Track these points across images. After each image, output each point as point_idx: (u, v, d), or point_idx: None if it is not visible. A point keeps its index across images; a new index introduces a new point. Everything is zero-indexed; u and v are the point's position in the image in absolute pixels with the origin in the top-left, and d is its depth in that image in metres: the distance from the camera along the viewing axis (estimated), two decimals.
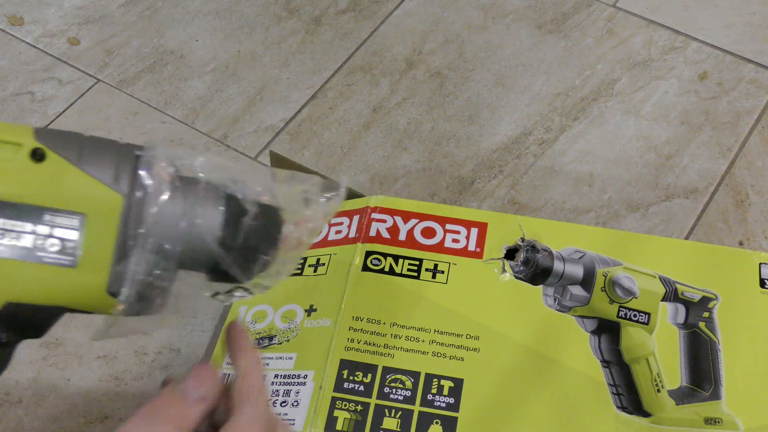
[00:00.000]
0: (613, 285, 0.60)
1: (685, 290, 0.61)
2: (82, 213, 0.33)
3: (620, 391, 0.57)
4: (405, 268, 0.62)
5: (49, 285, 0.33)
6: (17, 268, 0.32)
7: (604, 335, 0.59)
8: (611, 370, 0.58)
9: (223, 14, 0.87)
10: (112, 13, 0.86)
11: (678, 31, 0.86)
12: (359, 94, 0.80)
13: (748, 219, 0.72)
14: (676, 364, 0.59)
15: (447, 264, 0.62)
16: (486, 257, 0.62)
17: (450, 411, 0.56)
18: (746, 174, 0.75)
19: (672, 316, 0.60)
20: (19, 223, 0.32)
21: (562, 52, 0.84)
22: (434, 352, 0.58)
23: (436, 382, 0.57)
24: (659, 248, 0.64)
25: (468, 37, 0.85)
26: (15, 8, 0.87)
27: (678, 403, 0.57)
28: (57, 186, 0.32)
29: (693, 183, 0.74)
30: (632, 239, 0.64)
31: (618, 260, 0.62)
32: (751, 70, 0.82)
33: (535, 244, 0.62)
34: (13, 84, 0.80)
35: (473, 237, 0.63)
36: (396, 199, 0.66)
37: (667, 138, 0.77)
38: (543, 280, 0.61)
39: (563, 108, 0.80)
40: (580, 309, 0.60)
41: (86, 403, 0.59)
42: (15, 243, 0.32)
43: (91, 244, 0.33)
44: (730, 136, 0.78)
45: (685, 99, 0.80)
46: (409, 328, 0.59)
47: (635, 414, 0.56)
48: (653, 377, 0.58)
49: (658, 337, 0.59)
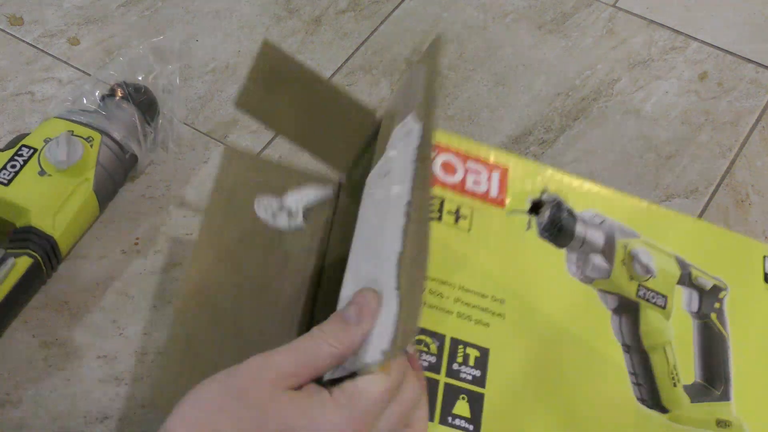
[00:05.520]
0: (632, 259, 0.55)
1: (699, 275, 0.57)
2: None
3: (640, 380, 0.53)
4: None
5: None
6: None
7: (625, 316, 0.54)
8: (632, 356, 0.53)
9: (223, 14, 0.87)
10: (112, 13, 0.86)
11: (678, 31, 0.86)
12: (359, 94, 0.80)
13: (748, 219, 0.72)
14: (690, 357, 0.55)
15: (470, 209, 0.54)
16: (509, 208, 0.55)
17: (476, 386, 0.49)
18: (746, 174, 0.75)
19: (687, 302, 0.56)
20: None
21: (562, 52, 0.84)
22: (459, 313, 0.50)
23: (461, 350, 0.49)
24: (673, 223, 0.59)
25: (468, 37, 0.85)
26: (15, 8, 0.87)
27: (693, 401, 0.54)
28: None
29: (693, 183, 0.74)
30: (648, 210, 0.59)
31: (635, 231, 0.57)
32: (751, 70, 0.82)
33: (561, 202, 0.56)
34: (13, 84, 0.80)
35: (495, 181, 0.55)
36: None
37: (667, 138, 0.77)
38: (567, 242, 0.55)
39: (563, 108, 0.80)
40: (601, 282, 0.55)
41: (86, 403, 0.59)
42: None
43: None
44: (730, 136, 0.78)
45: (686, 99, 0.80)
46: (432, 279, 0.51)
47: (654, 408, 0.52)
48: (670, 369, 0.54)
49: (674, 327, 0.55)
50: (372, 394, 0.37)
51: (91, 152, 0.65)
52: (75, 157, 0.63)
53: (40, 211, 0.62)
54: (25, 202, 0.62)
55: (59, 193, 0.63)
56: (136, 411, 0.59)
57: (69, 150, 0.63)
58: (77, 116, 0.68)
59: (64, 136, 0.63)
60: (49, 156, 0.63)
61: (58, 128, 0.66)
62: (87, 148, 0.64)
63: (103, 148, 0.66)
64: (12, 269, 0.59)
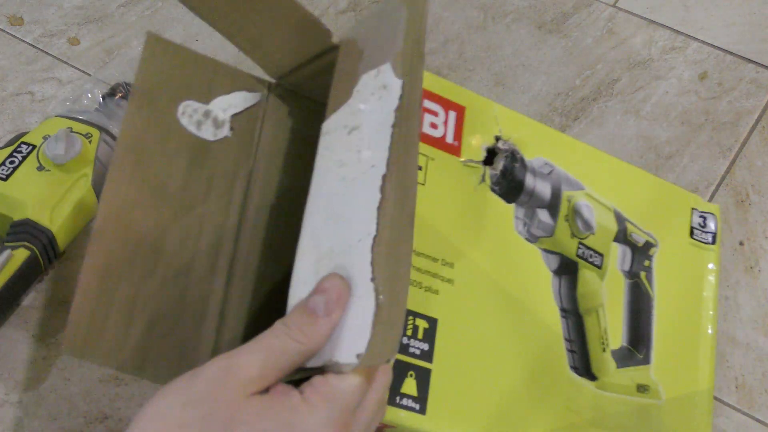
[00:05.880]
0: (575, 214, 0.53)
1: (633, 231, 0.55)
2: None
3: (574, 347, 0.51)
4: None
5: None
6: None
7: (565, 277, 0.52)
8: (568, 321, 0.51)
9: None
10: (112, 13, 0.86)
11: (678, 31, 0.86)
12: None
13: (748, 219, 0.72)
14: (620, 320, 0.52)
15: (425, 158, 0.49)
16: (464, 156, 0.50)
17: (424, 361, 0.45)
18: (746, 174, 0.75)
19: (620, 260, 0.54)
20: None
21: (562, 52, 0.84)
22: (411, 280, 0.45)
23: (411, 321, 0.45)
24: (615, 171, 0.56)
25: (468, 37, 0.85)
26: (15, 8, 0.87)
27: (619, 366, 0.52)
28: None
29: (693, 183, 0.74)
30: (594, 157, 0.56)
31: (580, 182, 0.54)
32: (751, 70, 0.82)
33: (515, 151, 0.52)
34: (12, 84, 0.80)
35: (451, 123, 0.50)
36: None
37: (667, 138, 0.77)
38: (517, 196, 0.51)
39: (563, 108, 0.80)
40: (546, 241, 0.52)
41: (86, 403, 0.59)
42: None
43: None
44: (730, 136, 0.78)
45: (685, 99, 0.80)
46: None
47: (584, 376, 0.50)
48: (601, 333, 0.52)
49: (606, 288, 0.53)
50: (347, 392, 0.34)
51: (90, 148, 0.65)
52: (73, 152, 0.63)
53: (37, 205, 0.62)
54: (23, 195, 0.62)
55: (57, 187, 0.63)
56: (136, 411, 0.59)
57: (67, 145, 0.63)
58: (77, 114, 0.68)
59: (63, 132, 0.63)
60: (48, 151, 0.63)
61: (57, 126, 0.66)
62: (85, 143, 0.65)
63: (101, 144, 0.66)
64: (9, 261, 0.59)
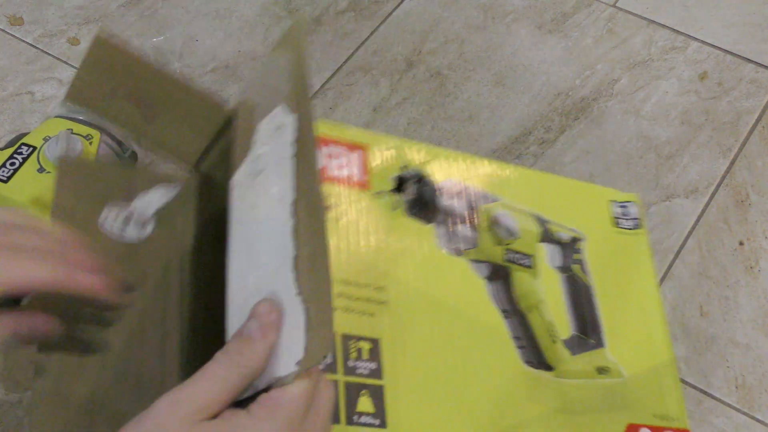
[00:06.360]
0: (496, 223, 0.56)
1: (557, 230, 0.58)
2: None
3: (523, 343, 0.54)
4: None
5: None
6: None
7: (498, 282, 0.55)
8: (511, 321, 0.54)
9: (223, 14, 0.87)
10: (112, 13, 0.86)
11: (678, 31, 0.86)
12: (359, 94, 0.80)
13: (748, 219, 0.72)
14: (563, 312, 0.56)
15: (336, 197, 0.53)
16: (375, 189, 0.54)
17: (374, 378, 0.48)
18: (746, 174, 0.75)
19: (550, 258, 0.57)
20: None
21: (562, 52, 0.84)
22: (344, 308, 0.49)
23: (354, 344, 0.49)
24: (527, 181, 0.60)
25: (468, 37, 0.85)
26: (15, 8, 0.87)
27: (573, 353, 0.55)
28: None
29: (693, 183, 0.74)
30: (501, 171, 0.59)
31: (496, 196, 0.57)
32: (751, 70, 0.82)
33: (422, 176, 0.55)
34: (13, 84, 0.80)
35: (355, 162, 0.54)
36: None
37: (667, 138, 0.77)
38: (434, 217, 0.54)
39: (563, 108, 0.80)
40: (471, 252, 0.55)
41: None
42: None
43: None
44: (730, 136, 0.78)
45: (685, 99, 0.80)
46: None
47: (540, 368, 0.53)
48: (547, 327, 0.55)
49: (544, 285, 0.56)
50: (291, 401, 0.36)
51: (90, 149, 0.65)
52: (73, 153, 0.63)
53: (37, 207, 0.62)
54: (24, 198, 0.62)
55: None
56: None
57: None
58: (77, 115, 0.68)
59: (63, 134, 0.63)
60: (48, 153, 0.63)
61: (57, 127, 0.66)
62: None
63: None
64: None
